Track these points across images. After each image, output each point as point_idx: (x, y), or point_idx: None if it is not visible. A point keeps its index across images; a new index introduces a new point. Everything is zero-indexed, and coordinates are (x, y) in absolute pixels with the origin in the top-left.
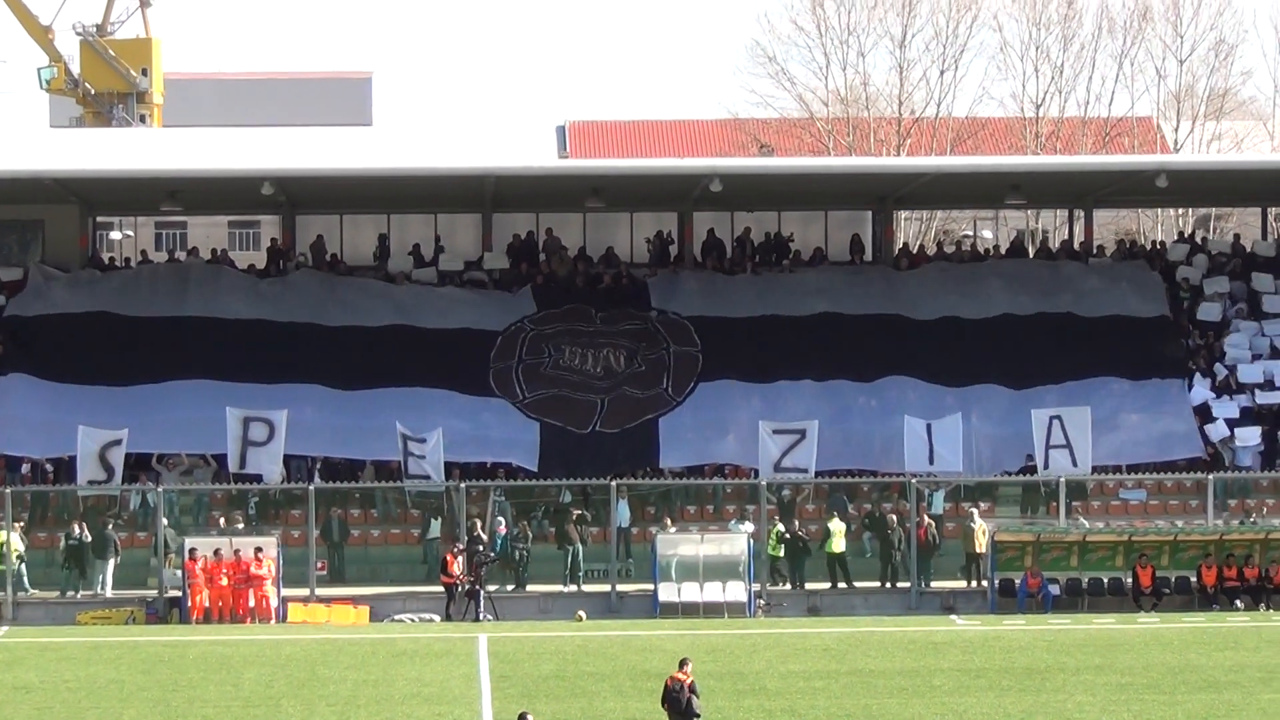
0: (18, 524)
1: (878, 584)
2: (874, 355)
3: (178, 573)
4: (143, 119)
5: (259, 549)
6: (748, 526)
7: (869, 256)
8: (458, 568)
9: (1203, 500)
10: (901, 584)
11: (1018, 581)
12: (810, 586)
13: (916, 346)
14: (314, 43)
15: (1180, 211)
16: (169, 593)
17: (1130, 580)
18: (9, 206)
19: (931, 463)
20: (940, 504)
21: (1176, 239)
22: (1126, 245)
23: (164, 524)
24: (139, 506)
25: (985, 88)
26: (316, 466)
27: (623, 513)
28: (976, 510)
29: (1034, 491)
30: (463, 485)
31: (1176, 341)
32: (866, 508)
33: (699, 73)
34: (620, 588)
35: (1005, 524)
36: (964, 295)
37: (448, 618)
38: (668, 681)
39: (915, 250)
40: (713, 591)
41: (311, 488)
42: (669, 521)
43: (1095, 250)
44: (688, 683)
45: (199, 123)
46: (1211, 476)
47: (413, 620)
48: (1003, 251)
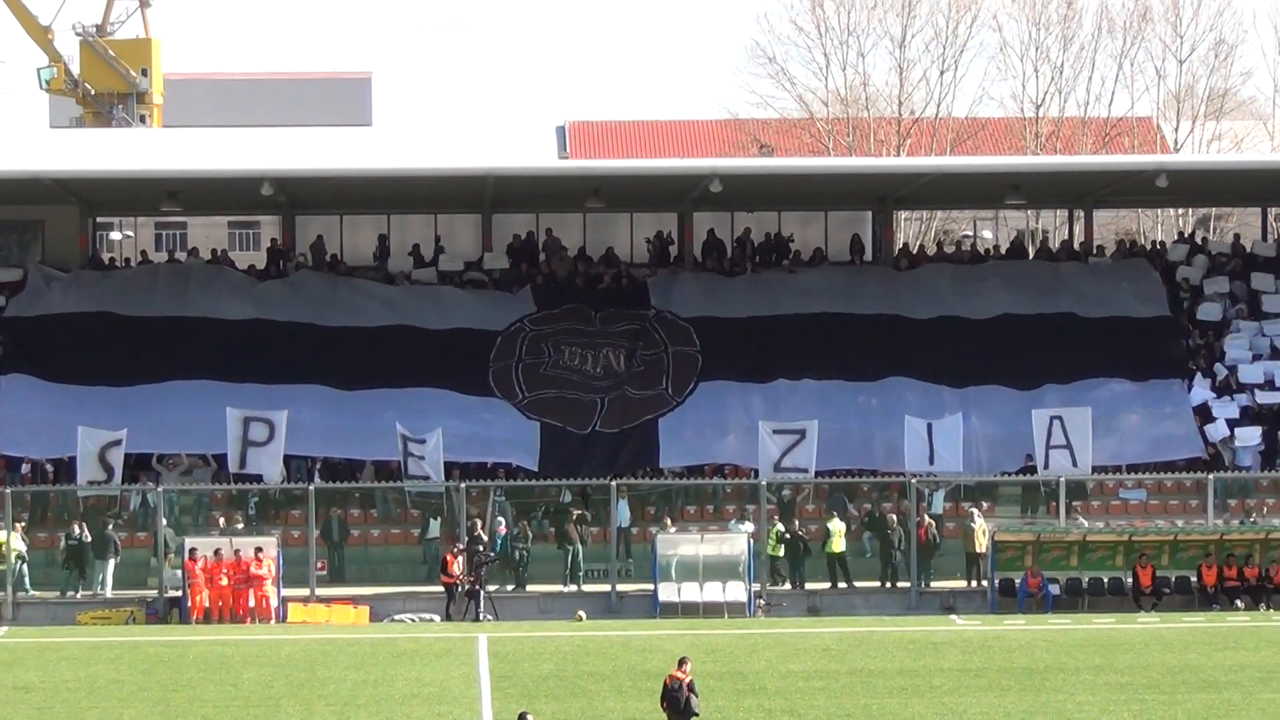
0: (19, 524)
1: (878, 584)
2: (874, 355)
3: (178, 573)
4: (142, 119)
5: (259, 549)
6: (748, 526)
7: (869, 257)
8: (458, 568)
9: (1203, 500)
10: (901, 584)
11: (1018, 581)
12: (810, 586)
13: (916, 347)
14: (313, 43)
15: (1180, 212)
16: (169, 593)
17: (1130, 580)
18: (9, 207)
19: (931, 463)
20: (940, 504)
21: (1176, 239)
22: (1126, 245)
23: (163, 524)
24: (139, 507)
25: (985, 88)
26: (316, 467)
27: (623, 513)
28: (977, 510)
29: (1034, 491)
30: (463, 485)
31: (1177, 342)
32: (866, 508)
33: (699, 73)
34: (620, 588)
35: (1005, 524)
36: (964, 295)
37: (448, 618)
38: (667, 680)
39: (915, 250)
40: (713, 591)
41: (311, 488)
42: (669, 521)
43: (1095, 250)
44: (686, 681)
45: (199, 123)
46: (1211, 476)
47: (413, 620)
48: (1003, 252)
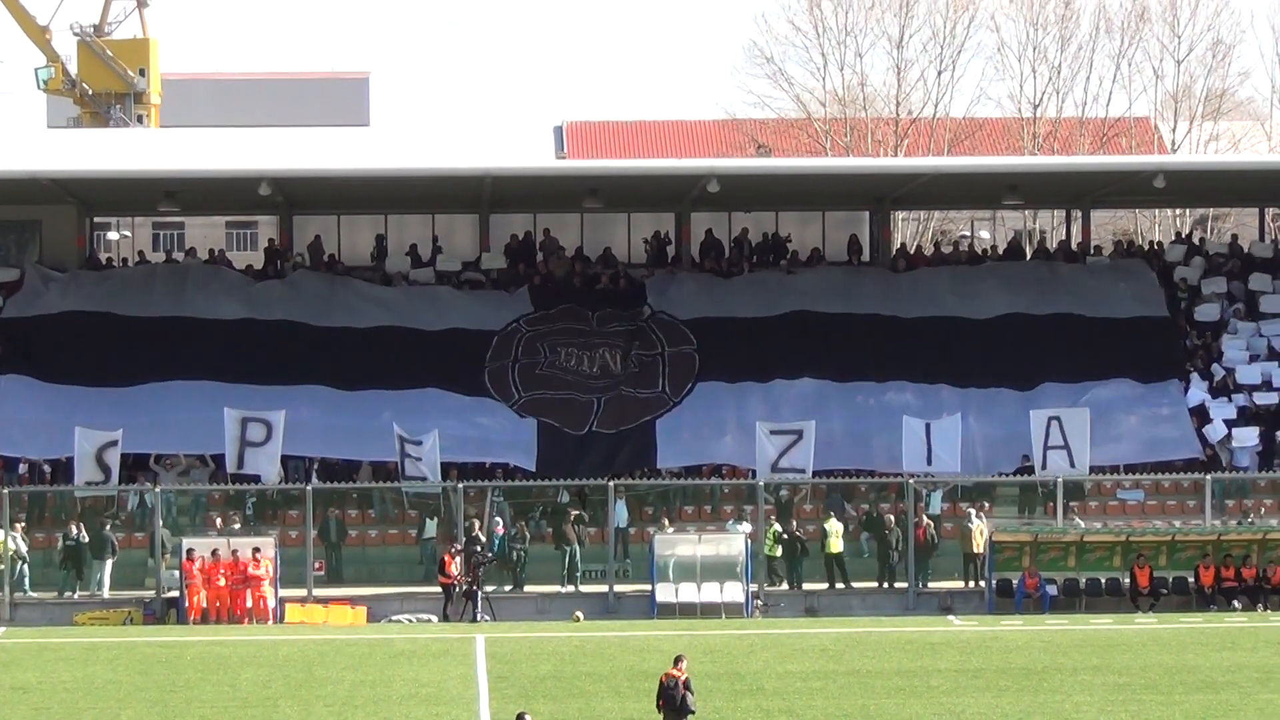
0: (18, 525)
1: (875, 584)
2: (872, 355)
3: (175, 573)
4: (140, 119)
5: (256, 549)
6: (745, 527)
7: (866, 257)
8: (455, 568)
9: (1200, 501)
10: (899, 584)
11: (1015, 582)
12: (808, 587)
13: (914, 347)
14: (311, 43)
15: (1178, 212)
16: (166, 593)
17: (1128, 581)
18: (6, 207)
19: (929, 463)
20: (938, 504)
21: (1174, 239)
22: (1124, 246)
23: (161, 524)
24: (136, 507)
25: (983, 88)
26: (314, 467)
27: (620, 513)
28: (974, 511)
29: (1032, 492)
30: (460, 485)
31: (1174, 342)
32: (864, 508)
33: (696, 73)
34: (618, 588)
35: (1003, 524)
36: (962, 296)
37: (445, 618)
38: (662, 678)
39: (913, 251)
40: (710, 592)
41: (309, 488)
42: (666, 522)
43: (1093, 251)
44: (682, 679)
45: (196, 123)
46: (1209, 477)
47: (410, 621)
48: (1000, 252)
